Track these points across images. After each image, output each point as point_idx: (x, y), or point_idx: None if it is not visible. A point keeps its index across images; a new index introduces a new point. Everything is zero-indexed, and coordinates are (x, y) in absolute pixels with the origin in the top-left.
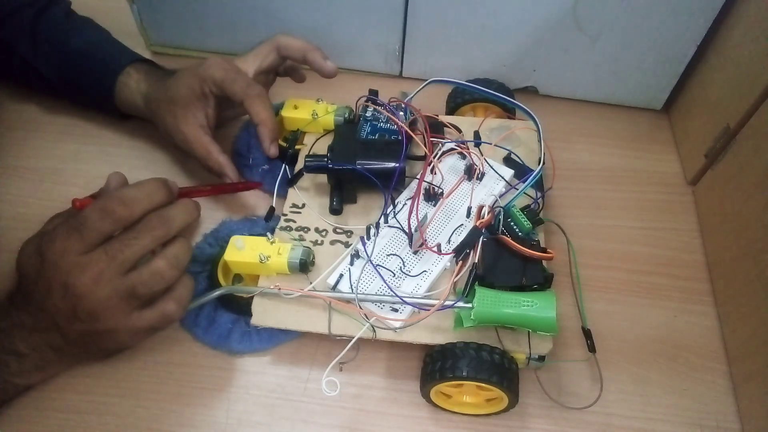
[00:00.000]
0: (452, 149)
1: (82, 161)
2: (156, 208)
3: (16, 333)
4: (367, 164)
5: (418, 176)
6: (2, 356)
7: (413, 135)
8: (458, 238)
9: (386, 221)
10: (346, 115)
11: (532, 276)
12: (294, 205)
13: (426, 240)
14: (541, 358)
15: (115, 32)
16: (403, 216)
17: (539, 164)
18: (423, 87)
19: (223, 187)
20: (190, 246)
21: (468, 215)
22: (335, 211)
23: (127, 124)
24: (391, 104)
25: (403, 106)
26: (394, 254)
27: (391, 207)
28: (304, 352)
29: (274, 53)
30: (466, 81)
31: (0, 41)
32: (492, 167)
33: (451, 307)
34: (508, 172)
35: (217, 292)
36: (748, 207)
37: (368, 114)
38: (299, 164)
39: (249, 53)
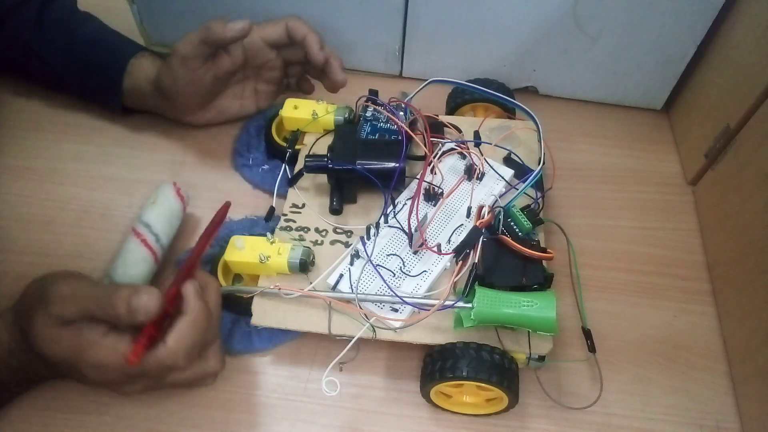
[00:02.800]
0: (452, 149)
1: (82, 161)
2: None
3: (40, 373)
4: (367, 164)
5: (418, 176)
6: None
7: (413, 135)
8: (458, 238)
9: (386, 221)
10: (346, 115)
11: (532, 276)
12: (294, 205)
13: (426, 240)
14: (541, 358)
15: None
16: (403, 216)
17: (539, 164)
18: (423, 87)
19: (208, 233)
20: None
21: (468, 215)
22: (335, 211)
23: (128, 123)
24: (391, 104)
25: (403, 106)
26: (394, 254)
27: (391, 207)
28: (304, 352)
29: (283, 29)
30: (466, 81)
31: (4, 32)
32: (492, 167)
33: (451, 307)
34: (508, 172)
35: None
36: (748, 207)
37: (368, 114)
38: (299, 164)
39: (260, 22)
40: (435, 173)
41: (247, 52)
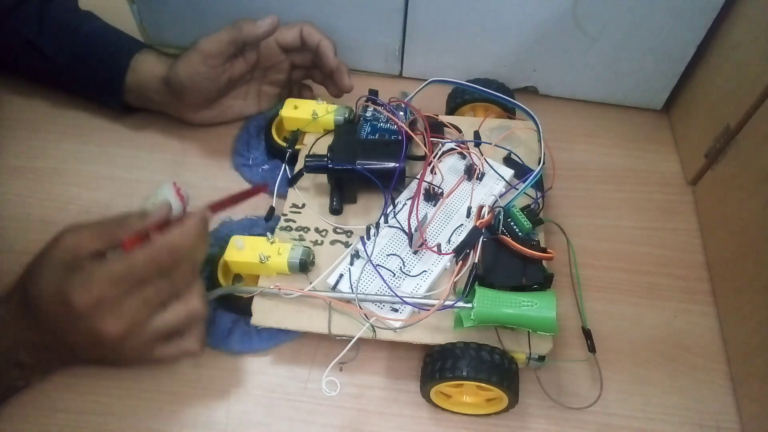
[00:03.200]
0: (452, 149)
1: (82, 161)
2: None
3: (21, 348)
4: (367, 164)
5: (418, 176)
6: (3, 365)
7: (413, 135)
8: (458, 238)
9: (386, 221)
10: (346, 115)
11: (532, 276)
12: (294, 205)
13: (426, 240)
14: (541, 358)
15: None
16: (403, 216)
17: (539, 164)
18: (423, 87)
19: (239, 196)
20: (203, 308)
21: (468, 215)
22: (335, 211)
23: (128, 123)
24: (391, 104)
25: (403, 106)
26: (394, 254)
27: (391, 207)
28: (304, 352)
29: (297, 34)
30: (466, 81)
31: (6, 30)
32: (492, 167)
33: (451, 307)
34: (508, 172)
35: (217, 292)
36: (748, 207)
37: (368, 114)
38: (299, 164)
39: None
40: (435, 173)
41: (261, 53)
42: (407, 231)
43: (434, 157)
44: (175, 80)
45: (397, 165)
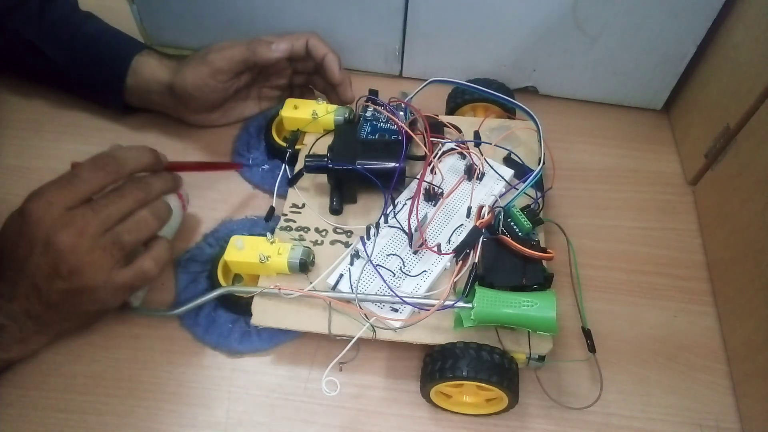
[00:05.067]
0: (452, 149)
1: None
2: (143, 171)
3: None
4: (367, 164)
5: (418, 176)
6: None
7: (413, 135)
8: (458, 238)
9: (386, 221)
10: (346, 115)
11: (532, 276)
12: (294, 205)
13: (426, 240)
14: (541, 358)
15: None
16: (403, 216)
17: (539, 164)
18: (423, 87)
19: (206, 165)
20: (169, 206)
21: (468, 215)
22: (335, 211)
23: (128, 123)
24: (391, 104)
25: (403, 106)
26: (394, 254)
27: (391, 207)
28: (304, 352)
29: (303, 45)
30: (466, 81)
31: (6, 30)
32: (492, 167)
33: (451, 307)
34: (508, 172)
35: (217, 292)
36: (748, 207)
37: (368, 114)
38: (299, 164)
39: (284, 35)
40: (435, 173)
41: (268, 68)
42: (407, 231)
43: (434, 157)
44: (182, 89)
45: (397, 165)
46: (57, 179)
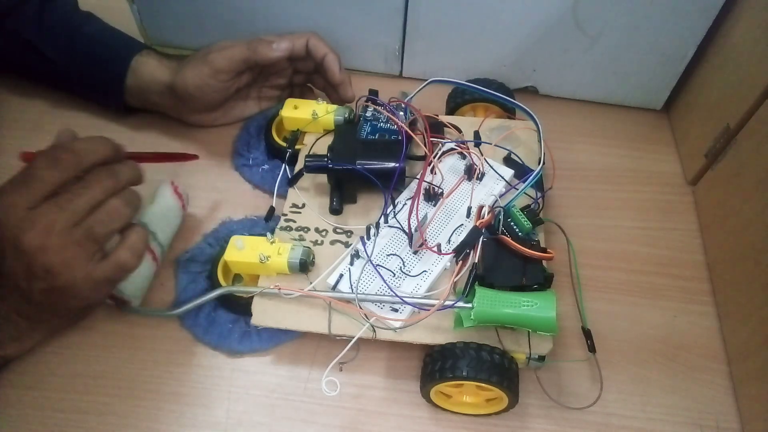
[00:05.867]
0: (452, 149)
1: None
2: (103, 163)
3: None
4: (367, 164)
5: (418, 176)
6: None
7: (413, 135)
8: (458, 238)
9: (386, 221)
10: (346, 115)
11: (532, 276)
12: (294, 205)
13: (426, 240)
14: (541, 358)
15: None
16: (403, 216)
17: (539, 164)
18: (423, 87)
19: (163, 155)
20: (139, 195)
21: (468, 215)
22: (335, 211)
23: (127, 123)
24: (391, 104)
25: (403, 106)
26: (394, 254)
27: (391, 207)
28: (304, 352)
29: (304, 44)
30: (466, 81)
31: (5, 31)
32: (492, 167)
33: (451, 307)
34: (508, 172)
35: (217, 292)
36: (748, 207)
37: (368, 114)
38: (299, 164)
39: (284, 34)
40: (435, 173)
41: (269, 67)
42: (407, 231)
43: (434, 157)
44: (183, 89)
45: (397, 165)
46: (12, 179)
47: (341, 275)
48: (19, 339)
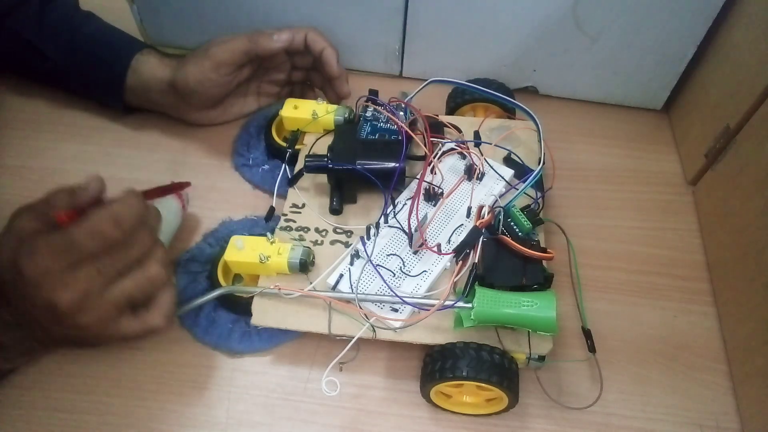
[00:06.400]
0: (452, 149)
1: (82, 161)
2: (136, 222)
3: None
4: (367, 164)
5: (418, 176)
6: None
7: (413, 135)
8: (458, 238)
9: (386, 221)
10: (346, 115)
11: (532, 276)
12: (294, 205)
13: (426, 240)
14: (541, 358)
15: None
16: (403, 216)
17: (539, 164)
18: (423, 87)
19: (161, 190)
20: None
21: (468, 215)
22: (335, 211)
23: (128, 123)
24: (391, 104)
25: (403, 106)
26: (394, 254)
27: (391, 207)
28: (304, 352)
29: (302, 38)
30: (466, 81)
31: (6, 31)
32: (492, 167)
33: (451, 307)
34: (508, 172)
35: (217, 292)
36: (748, 207)
37: (368, 114)
38: (299, 164)
39: (282, 28)
40: (435, 173)
41: (267, 61)
42: (407, 231)
43: (434, 157)
44: (184, 84)
45: (397, 165)
46: (49, 241)
47: (341, 275)
48: (29, 354)
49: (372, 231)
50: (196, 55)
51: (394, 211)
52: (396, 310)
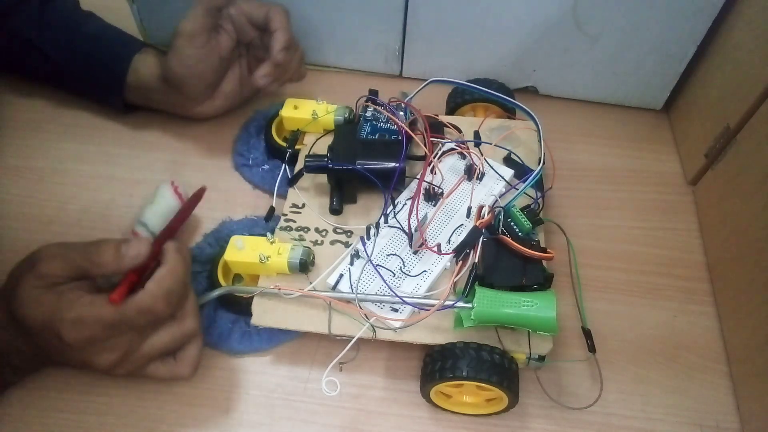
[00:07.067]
0: (452, 149)
1: (82, 161)
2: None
3: (14, 353)
4: (367, 164)
5: (418, 176)
6: None
7: (413, 135)
8: (458, 238)
9: (386, 221)
10: (346, 115)
11: (532, 276)
12: (294, 205)
13: (426, 240)
14: (541, 358)
15: None
16: (403, 216)
17: (539, 164)
18: (423, 87)
19: (186, 211)
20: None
21: (468, 215)
22: (335, 211)
23: (128, 123)
24: (391, 104)
25: (403, 106)
26: (394, 254)
27: (391, 207)
28: (304, 352)
29: (264, 13)
30: (466, 81)
31: (5, 30)
32: (492, 167)
33: (451, 307)
34: (508, 172)
35: (217, 292)
36: (748, 207)
37: (368, 114)
38: (299, 164)
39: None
40: (435, 173)
41: (236, 26)
42: (407, 231)
43: (434, 157)
44: (170, 73)
45: (397, 165)
46: (101, 316)
47: (341, 275)
48: (40, 370)
49: (372, 231)
50: (171, 41)
51: (394, 211)
52: (396, 310)
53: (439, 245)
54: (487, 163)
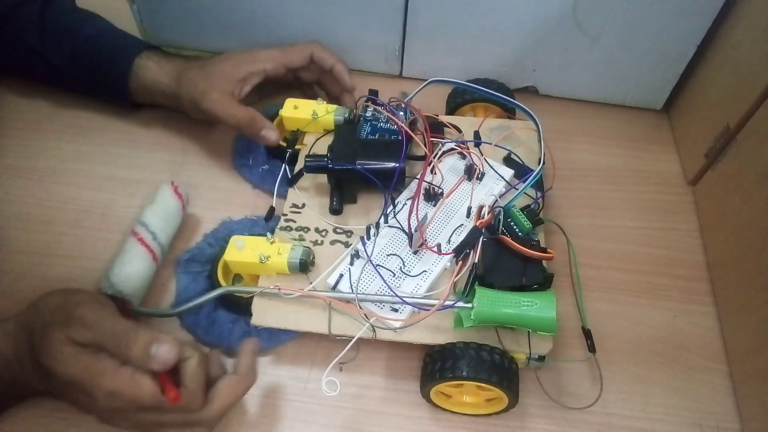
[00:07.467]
0: (452, 149)
1: (82, 161)
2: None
3: (22, 386)
4: (367, 164)
5: (418, 176)
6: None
7: (413, 135)
8: (458, 238)
9: (386, 221)
10: (346, 115)
11: (532, 276)
12: (294, 205)
13: (426, 240)
14: (541, 358)
15: None
16: (403, 216)
17: (539, 164)
18: (423, 87)
19: None
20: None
21: (468, 215)
22: (335, 211)
23: (128, 123)
24: (391, 104)
25: (403, 106)
26: (394, 254)
27: (391, 207)
28: (304, 352)
29: (307, 57)
30: (466, 81)
31: (6, 34)
32: (492, 167)
33: (451, 307)
34: (508, 172)
35: (217, 292)
36: (748, 207)
37: (368, 114)
38: (299, 164)
39: (286, 47)
40: (435, 173)
41: (271, 78)
42: (407, 231)
43: (434, 157)
44: (201, 111)
45: (397, 165)
46: (137, 392)
47: (341, 275)
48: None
49: (372, 231)
50: (200, 86)
51: (394, 211)
52: (396, 310)
53: (439, 245)
54: (487, 163)
